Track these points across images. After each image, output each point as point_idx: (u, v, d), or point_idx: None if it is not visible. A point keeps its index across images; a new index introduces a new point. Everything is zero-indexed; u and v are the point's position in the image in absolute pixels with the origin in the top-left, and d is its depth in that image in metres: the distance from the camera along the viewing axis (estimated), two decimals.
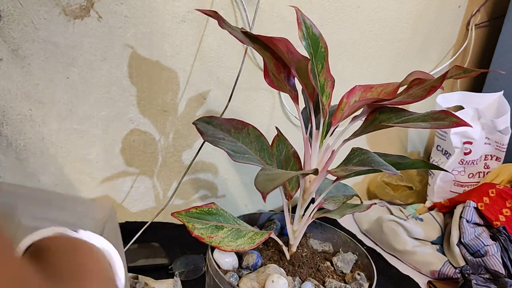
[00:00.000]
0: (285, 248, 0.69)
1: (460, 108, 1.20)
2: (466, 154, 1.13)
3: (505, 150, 1.15)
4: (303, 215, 0.69)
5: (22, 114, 0.74)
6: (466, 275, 0.86)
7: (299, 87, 0.66)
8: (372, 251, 1.05)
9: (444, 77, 0.54)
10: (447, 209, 1.11)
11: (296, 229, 0.69)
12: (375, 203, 1.19)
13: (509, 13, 1.26)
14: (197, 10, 0.67)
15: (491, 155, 1.16)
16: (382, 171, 0.55)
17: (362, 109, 0.64)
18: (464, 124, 0.53)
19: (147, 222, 0.87)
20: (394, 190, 1.26)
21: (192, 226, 0.64)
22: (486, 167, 1.17)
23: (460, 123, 0.53)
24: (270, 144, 0.75)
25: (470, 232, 0.97)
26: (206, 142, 0.71)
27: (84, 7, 0.72)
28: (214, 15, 0.61)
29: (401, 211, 1.15)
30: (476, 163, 1.15)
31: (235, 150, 0.68)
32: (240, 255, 0.69)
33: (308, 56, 0.62)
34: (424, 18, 1.22)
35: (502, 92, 1.18)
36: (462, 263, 0.95)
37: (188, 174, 0.94)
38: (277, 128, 0.77)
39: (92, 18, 0.74)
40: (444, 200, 1.13)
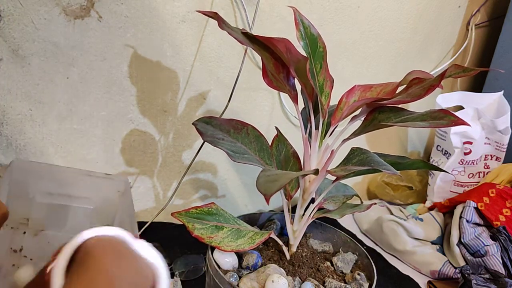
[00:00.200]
0: (285, 248, 0.69)
1: (460, 108, 1.20)
2: (466, 154, 1.13)
3: (505, 150, 1.15)
4: (303, 215, 0.69)
5: (22, 114, 0.74)
6: (466, 275, 0.86)
7: (298, 87, 0.66)
8: (372, 251, 1.05)
9: (442, 75, 0.54)
10: (447, 209, 1.10)
11: (296, 229, 0.70)
12: (375, 203, 1.19)
13: (509, 13, 1.26)
14: (197, 11, 0.67)
15: (491, 155, 1.16)
16: (381, 171, 0.55)
17: (361, 108, 0.64)
18: (463, 123, 0.53)
19: (147, 222, 0.87)
20: (394, 190, 1.26)
21: (192, 226, 0.64)
22: (486, 167, 1.17)
23: (458, 122, 0.53)
24: (270, 144, 0.75)
25: (470, 232, 0.97)
26: (206, 142, 0.71)
27: (85, 7, 0.72)
28: (214, 16, 0.61)
29: (401, 211, 1.15)
30: (476, 163, 1.15)
31: (234, 150, 0.68)
32: (240, 255, 0.69)
33: (307, 56, 0.62)
34: (424, 18, 1.22)
35: (502, 92, 1.18)
36: (462, 263, 0.95)
37: (188, 174, 0.94)
38: (276, 128, 0.77)
39: (92, 18, 0.74)
40: (444, 200, 1.13)
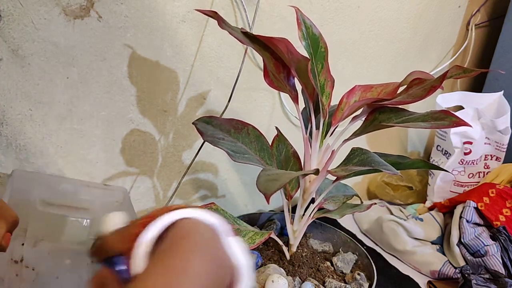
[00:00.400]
0: (285, 248, 0.69)
1: (460, 108, 1.20)
2: (466, 154, 1.13)
3: (505, 150, 1.15)
4: (303, 215, 0.69)
5: (22, 114, 0.74)
6: (466, 275, 0.86)
7: (299, 87, 0.66)
8: (372, 251, 1.05)
9: (443, 76, 0.54)
10: (447, 209, 1.10)
11: (296, 229, 0.69)
12: (375, 203, 1.19)
13: (509, 13, 1.26)
14: (197, 11, 0.67)
15: (491, 155, 1.16)
16: (382, 171, 0.55)
17: (362, 109, 0.64)
18: (464, 124, 0.53)
19: None
20: (394, 190, 1.26)
21: None
22: (486, 167, 1.17)
23: (460, 122, 0.53)
24: (270, 144, 0.75)
25: (470, 232, 0.97)
26: (206, 142, 0.71)
27: (84, 7, 0.72)
28: (214, 15, 0.61)
29: (401, 211, 1.15)
30: (476, 163, 1.15)
31: (235, 150, 0.68)
32: None
33: (308, 56, 0.62)
34: (424, 18, 1.22)
35: (502, 92, 1.18)
36: (462, 263, 0.95)
37: (188, 174, 0.94)
38: (277, 128, 0.77)
39: (92, 18, 0.74)
40: (444, 200, 1.13)
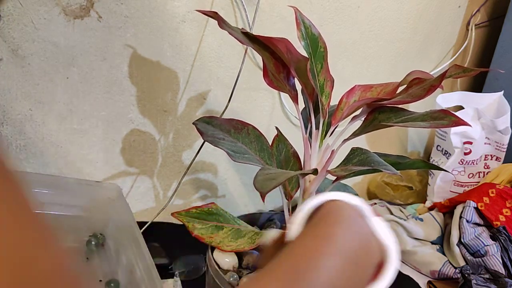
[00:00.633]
0: None
1: (460, 108, 1.20)
2: (466, 154, 1.13)
3: (505, 150, 1.15)
4: None
5: (22, 114, 0.74)
6: (466, 275, 0.86)
7: (298, 87, 0.66)
8: None
9: (443, 76, 0.54)
10: (447, 209, 1.10)
11: None
12: (375, 203, 1.20)
13: (509, 13, 1.26)
14: (197, 11, 0.67)
15: (491, 155, 1.16)
16: (382, 171, 0.55)
17: (361, 109, 0.64)
18: (463, 124, 0.53)
19: (147, 222, 0.87)
20: (394, 190, 1.26)
21: (192, 226, 0.64)
22: (486, 167, 1.17)
23: (459, 122, 0.53)
24: (270, 144, 0.75)
25: (470, 232, 0.97)
26: (206, 142, 0.71)
27: (84, 7, 0.72)
28: (214, 15, 0.61)
29: (401, 211, 1.15)
30: (476, 163, 1.15)
31: (235, 150, 0.68)
32: (240, 255, 0.69)
33: (307, 56, 0.62)
34: (424, 18, 1.22)
35: (502, 92, 1.18)
36: (462, 263, 0.95)
37: (188, 174, 0.94)
38: (277, 128, 0.77)
39: (92, 18, 0.74)
40: (444, 200, 1.13)
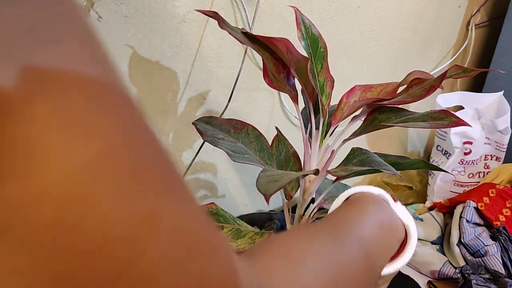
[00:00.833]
0: None
1: (460, 108, 1.20)
2: (466, 154, 1.13)
3: (505, 150, 1.15)
4: (303, 215, 0.69)
5: None
6: (466, 275, 0.86)
7: (298, 87, 0.66)
8: None
9: (443, 76, 0.54)
10: (447, 209, 1.10)
11: None
12: None
13: (509, 13, 1.26)
14: (197, 11, 0.67)
15: (491, 155, 1.16)
16: (382, 171, 0.55)
17: (361, 109, 0.64)
18: (464, 124, 0.53)
19: None
20: (394, 190, 1.26)
21: None
22: (486, 167, 1.17)
23: (459, 122, 0.53)
24: (270, 144, 0.75)
25: (470, 232, 0.97)
26: (205, 142, 0.71)
27: (84, 7, 0.72)
28: (214, 15, 0.61)
29: None
30: (476, 163, 1.15)
31: (234, 150, 0.68)
32: None
33: (307, 56, 0.62)
34: (424, 18, 1.22)
35: (502, 92, 1.18)
36: (462, 263, 0.95)
37: (188, 174, 0.94)
38: (277, 128, 0.77)
39: (91, 18, 0.74)
40: (444, 200, 1.13)
